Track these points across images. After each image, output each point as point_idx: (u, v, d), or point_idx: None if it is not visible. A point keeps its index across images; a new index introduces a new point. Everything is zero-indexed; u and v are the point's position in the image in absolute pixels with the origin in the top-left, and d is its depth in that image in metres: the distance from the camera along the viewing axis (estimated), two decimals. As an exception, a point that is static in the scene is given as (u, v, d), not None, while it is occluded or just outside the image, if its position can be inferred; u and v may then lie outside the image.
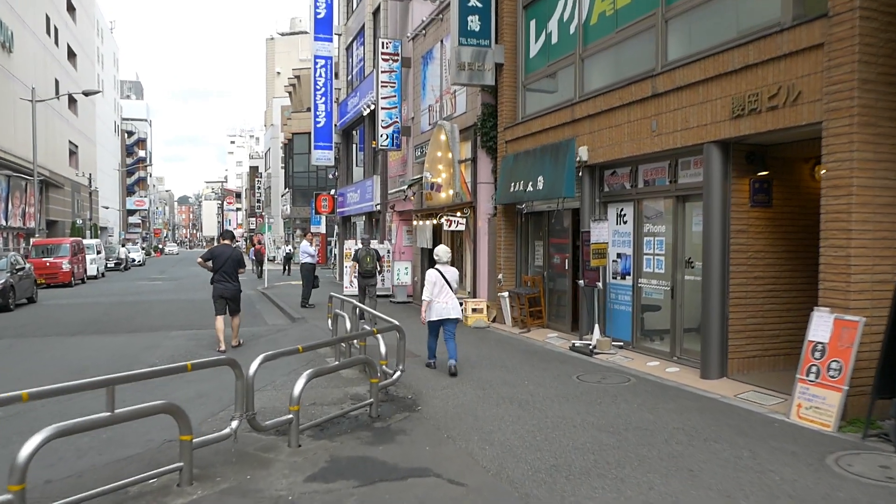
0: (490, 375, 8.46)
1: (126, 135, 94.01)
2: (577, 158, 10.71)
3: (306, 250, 18.43)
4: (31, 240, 31.21)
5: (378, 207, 21.08)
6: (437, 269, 8.97)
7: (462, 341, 11.39)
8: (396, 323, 7.58)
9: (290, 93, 54.04)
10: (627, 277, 10.24)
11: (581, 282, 10.52)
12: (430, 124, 17.21)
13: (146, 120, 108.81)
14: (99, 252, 34.79)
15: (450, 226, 14.32)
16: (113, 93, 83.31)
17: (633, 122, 9.47)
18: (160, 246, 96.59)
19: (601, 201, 10.81)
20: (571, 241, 11.85)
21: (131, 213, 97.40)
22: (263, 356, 5.47)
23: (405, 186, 17.30)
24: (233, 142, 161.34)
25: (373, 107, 20.05)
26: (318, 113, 28.19)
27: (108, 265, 41.61)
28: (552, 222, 12.53)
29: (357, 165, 27.01)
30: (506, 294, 13.07)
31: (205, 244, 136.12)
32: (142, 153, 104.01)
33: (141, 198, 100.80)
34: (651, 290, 9.76)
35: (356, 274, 14.66)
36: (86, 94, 31.33)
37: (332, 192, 29.53)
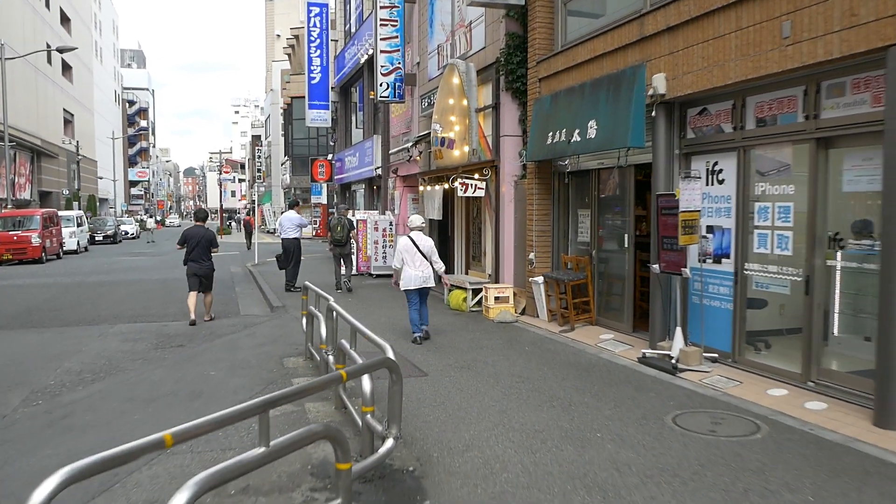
0: (538, 419, 5.44)
1: (127, 104, 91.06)
2: (650, 92, 7.58)
3: (292, 222, 15.19)
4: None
5: (378, 172, 17.98)
6: (409, 236, 8.77)
7: (486, 346, 8.41)
8: (389, 354, 4.52)
9: (289, 55, 50.55)
10: (724, 261, 7.17)
11: (655, 267, 7.46)
12: (439, 69, 14.04)
13: (148, 89, 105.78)
14: (80, 224, 31.87)
15: (465, 191, 11.25)
16: (113, 61, 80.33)
17: (747, 28, 6.30)
18: (160, 217, 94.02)
19: (683, 152, 7.69)
20: (633, 208, 8.76)
21: (133, 184, 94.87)
22: (58, 483, 2.40)
23: (409, 144, 14.18)
24: (237, 112, 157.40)
25: (371, 51, 16.84)
26: (312, 68, 24.97)
27: (97, 238, 38.93)
28: (606, 184, 9.41)
29: (357, 127, 23.88)
30: (540, 280, 10.03)
31: (211, 215, 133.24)
32: (143, 123, 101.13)
33: (143, 169, 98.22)
34: (767, 279, 6.68)
35: (330, 242, 14.33)
36: (60, 51, 28.06)
37: (330, 157, 26.43)
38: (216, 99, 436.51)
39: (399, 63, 15.74)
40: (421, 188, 13.55)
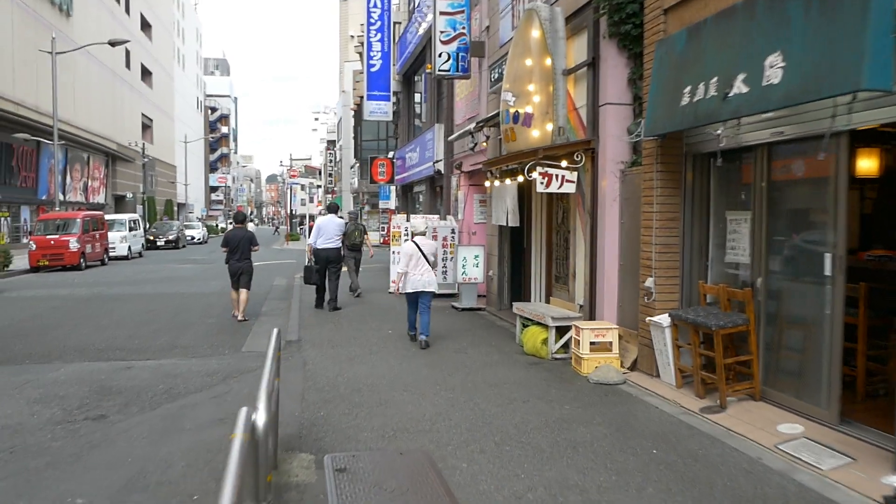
0: None
1: (209, 111, 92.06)
2: (910, -17, 3.94)
3: (339, 227, 12.20)
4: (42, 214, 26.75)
5: (438, 167, 14.71)
6: (414, 241, 8.63)
7: (582, 441, 4.83)
8: None
9: (360, 53, 48.28)
10: None
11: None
12: (513, 30, 10.63)
13: (230, 96, 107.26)
14: (133, 229, 30.03)
15: (548, 185, 7.76)
16: (195, 68, 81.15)
17: None
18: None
19: (977, 99, 3.99)
20: (845, 208, 5.06)
21: (213, 189, 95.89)
22: None
23: (473, 126, 10.79)
24: (316, 118, 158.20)
25: (431, 18, 13.60)
26: (371, 54, 22.05)
27: (159, 243, 37.38)
28: (787, 167, 5.73)
29: (423, 120, 20.76)
30: (665, 321, 6.42)
31: (285, 221, 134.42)
32: (224, 129, 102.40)
33: (223, 174, 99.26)
34: None
35: (346, 247, 13.18)
36: (112, 44, 26.19)
37: (391, 154, 23.42)
38: (302, 107, 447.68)
39: (463, 27, 12.42)
40: (488, 184, 10.16)
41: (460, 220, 13.81)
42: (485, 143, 10.88)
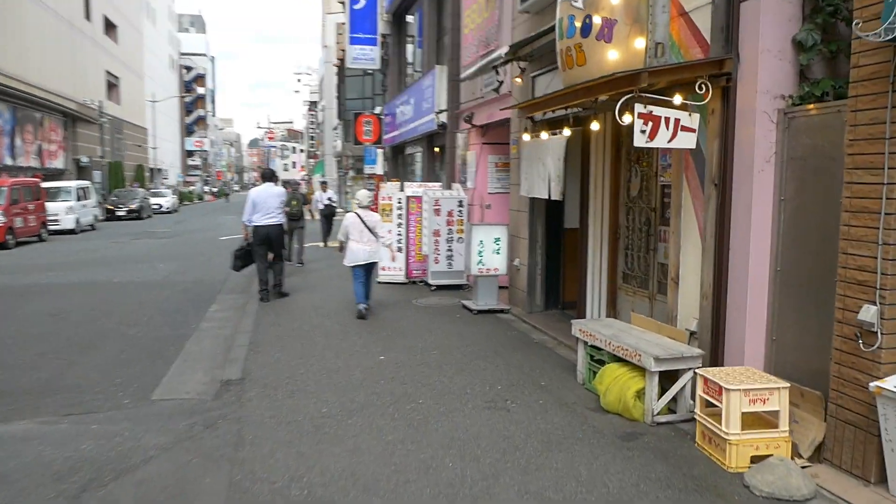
0: None
1: (184, 70, 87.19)
2: None
3: (278, 199, 9.84)
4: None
5: (442, 120, 11.43)
6: (356, 212, 8.50)
7: None
8: None
9: (343, 2, 44.24)
10: None
11: None
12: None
13: (206, 55, 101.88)
14: (83, 198, 26.34)
15: (652, 135, 4.55)
16: (168, 24, 76.28)
17: None
18: (214, 189, 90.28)
19: None
20: None
21: (190, 154, 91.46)
22: None
23: (502, 51, 7.50)
24: (299, 79, 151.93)
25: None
26: (355, -12, 18.49)
27: (119, 213, 33.84)
28: None
29: (416, 70, 17.36)
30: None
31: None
32: (201, 90, 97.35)
33: (200, 138, 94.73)
34: None
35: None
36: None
37: (378, 110, 20.02)
38: (286, 70, 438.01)
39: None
40: (526, 137, 6.91)
41: (470, 189, 10.62)
42: (518, 79, 7.54)
